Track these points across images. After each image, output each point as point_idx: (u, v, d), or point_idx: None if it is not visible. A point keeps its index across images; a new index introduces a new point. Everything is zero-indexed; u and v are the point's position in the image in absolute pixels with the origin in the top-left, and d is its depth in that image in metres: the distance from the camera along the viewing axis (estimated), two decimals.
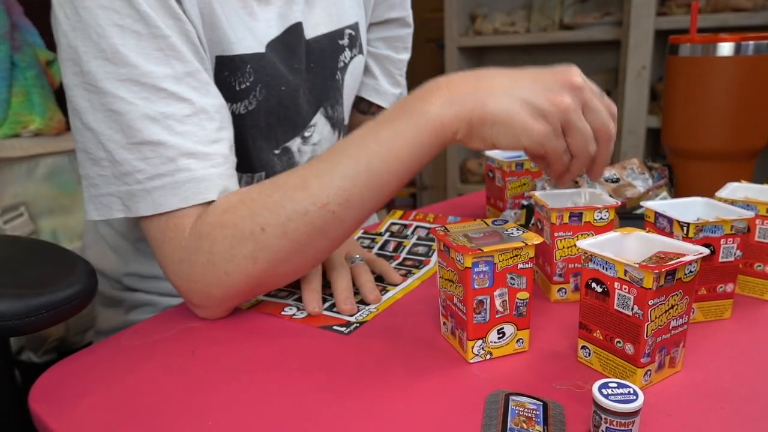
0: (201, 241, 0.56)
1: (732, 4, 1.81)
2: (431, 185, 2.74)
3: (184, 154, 0.56)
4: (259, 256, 0.55)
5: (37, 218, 1.03)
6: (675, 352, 0.48)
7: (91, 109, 0.55)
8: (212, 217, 0.56)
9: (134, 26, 0.54)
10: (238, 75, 0.65)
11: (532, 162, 0.72)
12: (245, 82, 0.66)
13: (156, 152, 0.55)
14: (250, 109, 0.68)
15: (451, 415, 0.44)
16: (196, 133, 0.57)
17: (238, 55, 0.65)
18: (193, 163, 0.56)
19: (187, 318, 0.62)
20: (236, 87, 0.66)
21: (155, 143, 0.55)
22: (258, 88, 0.67)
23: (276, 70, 0.69)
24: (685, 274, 0.45)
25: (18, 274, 0.60)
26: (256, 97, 0.68)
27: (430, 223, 0.83)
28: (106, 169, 0.57)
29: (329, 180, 0.54)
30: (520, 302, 0.51)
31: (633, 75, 1.98)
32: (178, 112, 0.56)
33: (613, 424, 0.40)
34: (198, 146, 0.57)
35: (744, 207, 0.57)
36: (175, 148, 0.56)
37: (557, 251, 0.60)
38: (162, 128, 0.55)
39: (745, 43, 0.76)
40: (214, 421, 0.45)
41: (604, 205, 0.59)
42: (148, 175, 0.56)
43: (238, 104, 0.67)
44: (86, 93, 0.55)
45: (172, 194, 0.56)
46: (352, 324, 0.59)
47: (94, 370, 0.54)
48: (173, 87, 0.56)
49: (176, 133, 0.56)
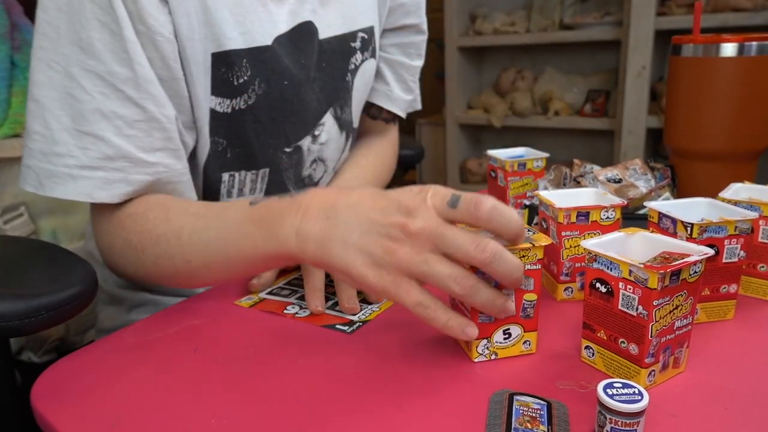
0: (116, 230, 0.63)
1: (732, 4, 1.81)
2: None
3: (124, 157, 0.59)
4: (139, 269, 0.63)
5: (37, 218, 1.03)
6: (679, 353, 0.48)
7: (48, 86, 0.58)
8: (122, 213, 0.63)
9: (111, 25, 0.57)
10: (235, 69, 0.66)
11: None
12: (243, 77, 0.67)
13: (97, 146, 0.58)
14: (250, 103, 0.68)
15: (455, 415, 0.44)
16: (142, 139, 0.60)
17: (233, 50, 0.65)
18: (128, 167, 0.60)
19: (189, 316, 0.61)
20: (234, 82, 0.66)
21: (99, 138, 0.58)
22: (257, 82, 0.68)
23: (279, 64, 0.69)
24: (689, 275, 0.45)
25: (18, 275, 0.60)
26: (255, 91, 0.68)
27: None
28: (35, 143, 0.59)
29: (197, 243, 0.58)
30: (527, 304, 0.50)
31: (633, 75, 1.98)
32: (130, 115, 0.59)
33: (618, 424, 0.40)
34: (139, 153, 0.60)
35: (748, 208, 0.57)
36: (116, 149, 0.59)
37: (564, 250, 0.60)
38: (110, 126, 0.58)
39: (748, 44, 0.76)
40: (217, 420, 0.45)
41: (611, 204, 0.59)
42: (80, 164, 0.58)
43: (237, 99, 0.67)
44: (49, 70, 0.57)
45: (101, 188, 0.60)
46: (355, 323, 0.58)
47: (97, 368, 0.54)
48: (131, 91, 0.58)
49: (122, 135, 0.59)
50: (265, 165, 0.73)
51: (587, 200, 0.62)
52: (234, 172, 0.72)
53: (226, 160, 0.70)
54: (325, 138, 0.78)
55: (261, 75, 0.68)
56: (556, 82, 2.33)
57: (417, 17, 0.88)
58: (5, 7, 1.08)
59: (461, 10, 2.42)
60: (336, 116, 0.79)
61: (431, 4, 1.39)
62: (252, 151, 0.71)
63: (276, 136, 0.73)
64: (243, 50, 0.66)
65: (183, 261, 0.59)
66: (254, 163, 0.72)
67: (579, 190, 0.65)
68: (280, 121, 0.72)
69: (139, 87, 0.59)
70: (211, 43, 0.64)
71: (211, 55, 0.64)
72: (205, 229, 0.58)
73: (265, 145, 0.72)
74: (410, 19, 0.87)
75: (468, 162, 2.52)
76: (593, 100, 2.24)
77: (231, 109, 0.67)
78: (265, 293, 0.66)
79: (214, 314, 0.62)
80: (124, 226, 0.62)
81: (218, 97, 0.66)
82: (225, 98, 0.67)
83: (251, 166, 0.72)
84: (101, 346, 0.58)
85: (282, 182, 0.76)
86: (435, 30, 2.52)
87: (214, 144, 0.69)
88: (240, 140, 0.69)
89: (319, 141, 0.78)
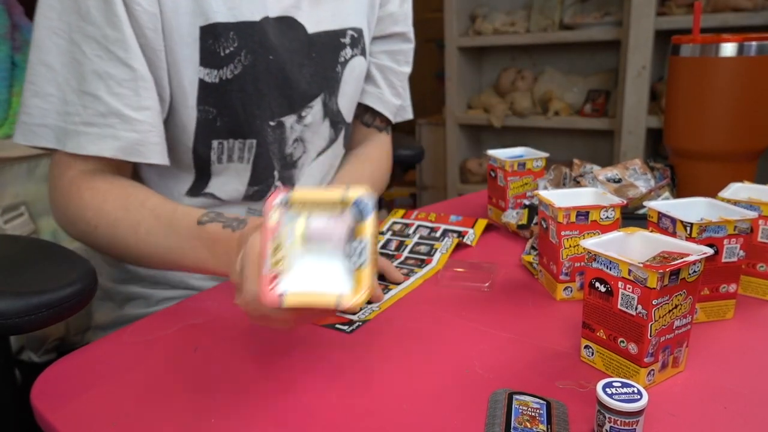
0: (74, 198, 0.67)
1: (732, 4, 1.81)
2: (431, 185, 2.74)
3: (114, 113, 0.65)
4: (88, 239, 0.68)
5: (37, 218, 1.03)
6: (678, 352, 0.48)
7: (56, 52, 0.64)
8: (84, 183, 0.67)
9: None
10: (221, 41, 0.70)
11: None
12: (229, 47, 0.71)
13: (93, 105, 0.64)
14: (236, 73, 0.72)
15: (454, 414, 0.44)
16: (130, 97, 0.65)
17: (220, 22, 0.69)
18: (118, 123, 0.65)
19: (189, 315, 0.62)
20: (221, 53, 0.70)
21: (95, 97, 0.64)
22: (243, 53, 0.72)
23: (265, 39, 0.73)
24: (689, 274, 0.45)
25: (18, 273, 0.60)
26: (242, 62, 0.72)
27: (432, 222, 0.83)
28: (51, 104, 0.65)
29: (153, 244, 0.65)
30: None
31: (633, 75, 1.98)
32: (119, 75, 0.64)
33: (617, 423, 0.40)
34: (127, 110, 0.65)
35: (747, 208, 0.57)
36: (107, 106, 0.65)
37: (563, 250, 0.60)
38: (103, 86, 0.64)
39: (748, 44, 0.76)
40: (217, 419, 0.45)
41: (610, 204, 0.59)
42: (82, 121, 0.65)
43: (224, 69, 0.71)
44: (56, 37, 0.64)
45: (93, 143, 0.65)
46: (355, 323, 0.58)
47: (96, 367, 0.54)
48: (121, 52, 0.64)
49: (113, 93, 0.65)
50: (252, 136, 0.76)
51: (587, 200, 0.62)
52: (223, 140, 0.75)
53: (215, 128, 0.74)
54: (309, 120, 0.81)
55: (247, 47, 0.72)
56: (556, 82, 2.33)
57: (405, 26, 0.93)
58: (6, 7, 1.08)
59: (461, 10, 2.41)
60: (324, 103, 0.83)
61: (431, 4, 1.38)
62: (239, 121, 0.74)
63: (261, 107, 0.76)
64: (230, 23, 0.70)
65: (138, 252, 0.66)
66: (242, 132, 0.76)
67: (578, 189, 0.65)
68: (266, 93, 0.75)
69: (128, 47, 0.64)
70: (199, 17, 0.68)
71: (200, 28, 0.69)
72: (160, 235, 0.65)
73: (252, 116, 0.75)
74: (398, 27, 0.92)
75: (468, 162, 2.51)
76: (593, 100, 2.24)
77: (219, 79, 0.71)
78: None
79: (214, 313, 0.62)
80: (82, 198, 0.66)
81: (206, 68, 0.70)
82: (213, 69, 0.70)
83: (239, 135, 0.76)
84: (101, 346, 0.58)
85: (267, 155, 0.78)
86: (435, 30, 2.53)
87: (204, 112, 0.72)
88: (228, 109, 0.73)
89: (303, 122, 0.81)
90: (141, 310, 0.80)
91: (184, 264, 0.65)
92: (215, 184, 0.78)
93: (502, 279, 0.67)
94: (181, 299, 0.67)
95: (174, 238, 0.65)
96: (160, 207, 0.67)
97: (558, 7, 2.24)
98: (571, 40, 2.17)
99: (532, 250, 0.73)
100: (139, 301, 0.81)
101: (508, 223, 0.80)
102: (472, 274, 0.68)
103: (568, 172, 0.81)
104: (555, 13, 2.23)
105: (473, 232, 0.79)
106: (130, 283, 0.81)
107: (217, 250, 0.62)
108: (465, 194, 1.09)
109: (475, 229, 0.80)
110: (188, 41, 0.68)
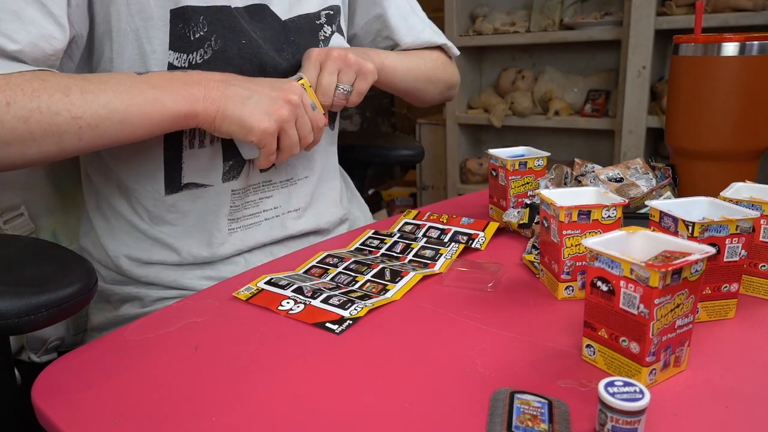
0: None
1: (732, 4, 1.81)
2: (431, 185, 2.74)
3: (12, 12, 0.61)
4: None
5: (37, 218, 1.03)
6: (680, 351, 0.48)
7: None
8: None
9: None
10: (191, 25, 0.71)
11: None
12: (199, 32, 0.71)
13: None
14: (206, 58, 0.73)
15: (455, 413, 0.44)
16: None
17: (190, 6, 0.70)
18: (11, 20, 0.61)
19: (190, 314, 0.61)
20: (191, 37, 0.71)
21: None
22: (213, 38, 0.72)
23: (236, 24, 0.74)
24: (691, 273, 0.45)
25: (18, 273, 0.60)
26: (212, 47, 0.73)
27: (444, 224, 0.83)
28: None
29: (91, 100, 0.62)
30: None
31: (633, 75, 1.98)
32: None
33: (618, 422, 0.39)
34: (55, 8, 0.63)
35: (749, 207, 0.57)
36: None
37: (565, 249, 0.59)
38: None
39: (750, 43, 0.76)
40: (218, 417, 0.45)
41: (612, 203, 0.59)
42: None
43: (194, 54, 0.72)
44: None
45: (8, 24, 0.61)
46: (345, 320, 0.58)
47: (97, 366, 0.54)
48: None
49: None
50: None
51: (588, 199, 0.62)
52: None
53: None
54: None
55: (217, 32, 0.72)
56: (556, 82, 2.33)
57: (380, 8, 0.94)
58: None
59: (461, 10, 2.41)
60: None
61: (431, 4, 1.38)
62: None
63: None
64: (200, 7, 0.71)
65: (70, 117, 0.61)
66: None
67: (580, 189, 0.65)
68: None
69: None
70: (169, 0, 0.69)
71: (170, 11, 0.69)
72: (98, 91, 0.63)
73: None
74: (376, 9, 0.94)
75: (468, 162, 2.51)
76: (593, 100, 2.24)
77: (188, 63, 0.72)
78: (263, 283, 0.66)
79: (215, 312, 0.62)
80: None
81: (176, 51, 0.71)
82: (182, 53, 0.71)
83: None
84: (102, 344, 0.58)
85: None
86: None
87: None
88: None
89: None
90: (136, 311, 0.80)
91: (129, 113, 0.64)
92: (190, 171, 0.77)
93: (504, 278, 0.67)
94: (176, 299, 0.67)
95: (113, 91, 0.64)
96: (82, 76, 0.65)
97: (558, 7, 2.24)
98: (571, 40, 2.17)
99: (534, 249, 0.73)
100: (134, 302, 0.81)
101: (509, 222, 0.80)
102: (476, 274, 0.68)
103: (570, 171, 0.81)
104: (555, 13, 2.23)
105: (483, 236, 0.78)
106: (125, 284, 0.81)
107: (172, 84, 0.66)
108: (465, 194, 1.09)
109: (486, 233, 0.79)
110: (159, 25, 0.69)
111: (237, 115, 0.68)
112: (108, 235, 0.81)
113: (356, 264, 0.71)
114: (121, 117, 0.64)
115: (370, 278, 0.68)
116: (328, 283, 0.67)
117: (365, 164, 1.23)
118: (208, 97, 0.67)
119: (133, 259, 0.80)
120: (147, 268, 0.80)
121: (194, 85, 0.67)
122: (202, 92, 0.67)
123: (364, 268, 0.70)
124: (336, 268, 0.71)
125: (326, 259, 0.74)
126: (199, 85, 0.68)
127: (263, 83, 0.71)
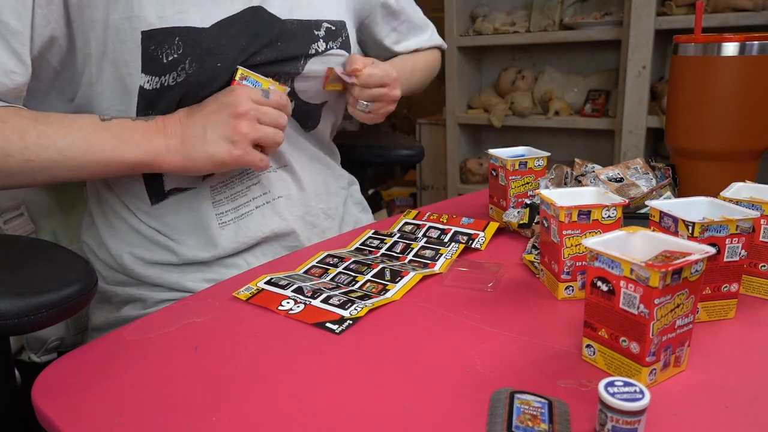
0: None
1: (732, 4, 1.81)
2: (431, 185, 2.74)
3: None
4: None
5: (37, 218, 1.03)
6: (680, 351, 0.48)
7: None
8: None
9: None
10: (164, 47, 0.69)
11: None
12: (172, 54, 0.70)
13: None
14: (179, 80, 0.71)
15: (455, 413, 0.44)
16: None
17: (164, 28, 0.69)
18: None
19: (190, 314, 0.61)
20: (163, 59, 0.69)
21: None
22: (188, 60, 0.71)
23: (216, 46, 0.72)
24: (691, 273, 0.45)
25: (18, 274, 0.60)
26: (185, 70, 0.71)
27: (444, 224, 0.83)
28: None
29: (46, 146, 0.64)
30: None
31: (633, 75, 1.98)
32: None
33: (619, 422, 0.39)
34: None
35: (749, 207, 0.57)
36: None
37: (565, 249, 0.59)
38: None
39: (750, 43, 0.76)
40: (218, 417, 0.45)
41: (612, 203, 0.59)
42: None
43: (166, 76, 0.71)
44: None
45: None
46: (345, 320, 0.58)
47: (97, 365, 0.54)
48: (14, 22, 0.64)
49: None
50: None
51: (588, 199, 0.62)
52: None
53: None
54: None
55: (193, 54, 0.71)
56: (556, 82, 2.33)
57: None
58: None
59: (461, 10, 2.41)
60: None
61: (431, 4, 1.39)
62: None
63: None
64: (178, 29, 0.70)
65: (23, 159, 0.63)
66: None
67: (580, 189, 0.65)
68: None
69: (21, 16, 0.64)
70: (142, 21, 0.68)
71: (141, 32, 0.68)
72: (56, 136, 0.64)
73: None
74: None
75: (468, 162, 2.51)
76: (593, 100, 2.24)
77: (160, 85, 0.71)
78: (263, 283, 0.66)
79: (215, 312, 0.62)
80: None
81: (147, 74, 0.70)
82: (154, 76, 0.70)
83: None
84: (103, 344, 0.58)
85: None
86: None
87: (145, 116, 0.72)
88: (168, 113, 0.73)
89: None
90: (138, 312, 0.80)
91: (86, 160, 0.65)
92: (171, 178, 0.77)
93: (504, 278, 0.67)
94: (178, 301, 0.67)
95: (73, 137, 0.65)
96: (44, 115, 0.66)
97: (558, 7, 2.24)
98: (571, 39, 2.16)
99: (534, 249, 0.73)
100: (136, 303, 0.81)
101: (509, 222, 0.79)
102: (476, 274, 0.68)
103: (570, 171, 0.81)
104: (555, 13, 2.23)
105: (483, 236, 0.78)
106: (128, 285, 0.81)
107: (133, 136, 0.68)
108: (465, 194, 1.09)
109: (486, 233, 0.79)
110: (132, 47, 0.68)
111: (202, 154, 0.70)
112: (109, 232, 0.81)
113: (356, 264, 0.72)
114: (78, 163, 0.66)
115: (370, 278, 0.68)
116: (328, 283, 0.67)
117: (365, 164, 1.24)
118: (170, 148, 0.69)
119: (136, 257, 0.80)
120: (150, 268, 0.79)
121: (154, 136, 0.69)
122: (163, 143, 0.69)
123: (364, 268, 0.70)
124: (336, 268, 0.71)
125: (326, 259, 0.74)
126: (158, 136, 0.69)
127: (209, 107, 0.71)
